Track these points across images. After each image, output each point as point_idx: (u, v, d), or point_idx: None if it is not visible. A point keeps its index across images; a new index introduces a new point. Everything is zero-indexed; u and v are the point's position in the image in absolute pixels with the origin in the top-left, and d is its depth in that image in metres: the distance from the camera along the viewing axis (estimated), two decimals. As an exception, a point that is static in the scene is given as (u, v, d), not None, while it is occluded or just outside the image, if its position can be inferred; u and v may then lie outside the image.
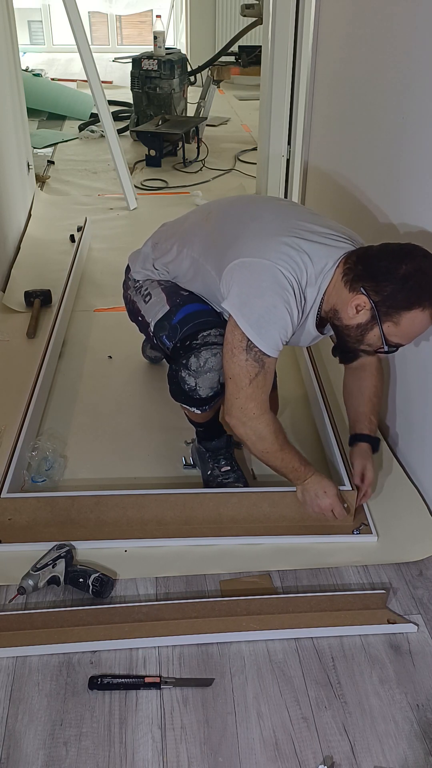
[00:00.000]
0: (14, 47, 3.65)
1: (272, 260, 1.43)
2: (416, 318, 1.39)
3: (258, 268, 1.44)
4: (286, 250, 1.45)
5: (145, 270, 1.81)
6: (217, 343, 1.60)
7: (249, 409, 1.52)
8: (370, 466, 1.72)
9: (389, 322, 1.41)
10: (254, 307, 1.44)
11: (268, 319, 1.43)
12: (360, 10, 2.12)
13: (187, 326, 1.64)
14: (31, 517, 1.64)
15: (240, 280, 1.46)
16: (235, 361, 1.48)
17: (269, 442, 1.56)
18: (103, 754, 1.20)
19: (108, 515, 1.65)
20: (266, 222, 1.54)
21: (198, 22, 7.86)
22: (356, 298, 1.43)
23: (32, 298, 2.75)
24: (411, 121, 1.73)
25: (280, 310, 1.43)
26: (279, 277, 1.42)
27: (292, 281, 1.43)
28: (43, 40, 9.94)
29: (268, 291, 1.43)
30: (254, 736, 1.23)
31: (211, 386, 1.62)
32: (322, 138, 2.63)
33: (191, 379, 1.61)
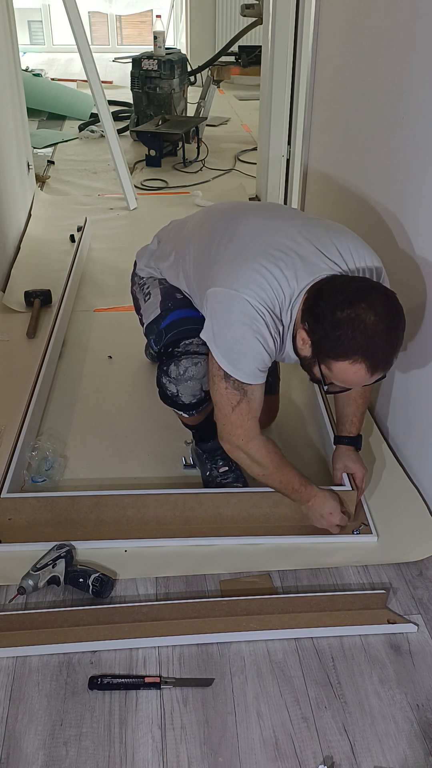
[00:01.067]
0: (14, 47, 3.65)
1: (240, 290, 1.39)
2: (347, 369, 1.32)
3: (226, 300, 1.41)
4: (256, 278, 1.40)
5: (148, 268, 1.83)
6: (198, 352, 1.60)
7: (237, 436, 1.51)
8: (353, 465, 1.72)
9: (323, 364, 1.37)
10: (225, 339, 1.43)
11: (239, 350, 1.42)
12: (360, 9, 2.12)
13: (171, 333, 1.66)
14: (31, 517, 1.64)
15: (211, 311, 1.45)
16: (216, 389, 1.48)
17: (264, 465, 1.55)
18: (103, 754, 1.20)
19: (108, 515, 1.65)
20: (243, 243, 1.49)
21: (198, 22, 7.86)
22: (301, 331, 1.40)
23: (32, 298, 2.75)
24: (411, 121, 1.73)
25: (250, 341, 1.41)
26: (246, 307, 1.39)
27: (262, 310, 1.40)
28: (43, 40, 9.94)
29: (236, 322, 1.40)
30: (254, 736, 1.23)
31: (193, 394, 1.63)
32: (322, 138, 2.63)
33: (172, 386, 1.63)
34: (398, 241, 1.83)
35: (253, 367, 1.44)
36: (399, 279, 1.68)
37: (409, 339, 1.82)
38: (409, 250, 1.78)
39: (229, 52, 5.29)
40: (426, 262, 1.69)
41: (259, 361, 1.44)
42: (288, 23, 3.47)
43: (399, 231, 1.83)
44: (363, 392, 1.72)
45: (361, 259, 1.48)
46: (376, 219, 1.98)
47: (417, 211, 1.73)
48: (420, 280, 1.72)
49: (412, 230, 1.77)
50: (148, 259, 1.84)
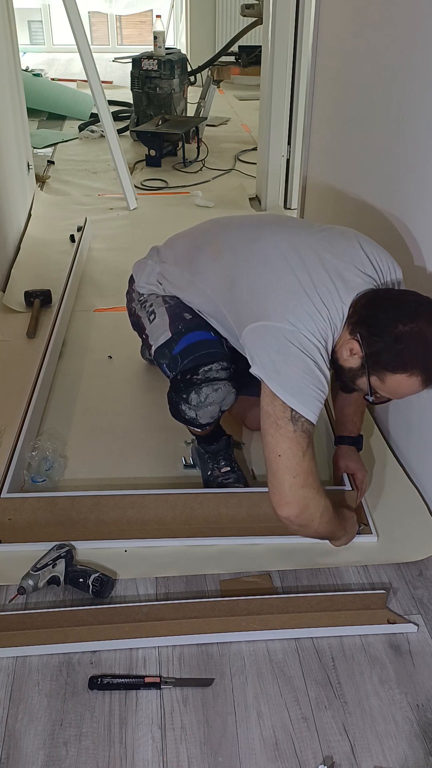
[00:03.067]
0: (14, 47, 3.65)
1: (296, 325, 1.36)
2: (402, 382, 1.33)
3: (284, 334, 1.36)
4: (309, 311, 1.37)
5: (149, 285, 1.77)
6: (218, 378, 1.57)
7: (310, 486, 1.38)
8: (354, 465, 1.72)
9: (375, 376, 1.36)
10: (290, 375, 1.35)
11: (305, 386, 1.35)
12: (360, 9, 2.12)
13: (187, 359, 1.60)
14: (31, 517, 1.64)
15: (266, 348, 1.38)
16: (282, 433, 1.36)
17: (330, 510, 1.45)
18: (103, 754, 1.20)
19: (108, 515, 1.65)
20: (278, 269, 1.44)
21: (198, 22, 7.86)
22: (351, 342, 1.38)
23: (32, 298, 2.75)
24: (411, 120, 1.73)
25: (315, 374, 1.36)
26: (305, 342, 1.35)
27: (318, 344, 1.37)
28: (43, 40, 9.94)
29: (298, 356, 1.35)
30: (254, 736, 1.23)
31: (212, 416, 1.61)
32: (322, 138, 2.63)
33: (192, 412, 1.60)
34: (399, 242, 1.83)
35: (318, 403, 1.37)
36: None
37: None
38: (410, 250, 1.77)
39: (229, 52, 5.29)
40: (428, 263, 1.69)
41: (322, 395, 1.37)
42: (288, 23, 3.47)
43: (400, 231, 1.83)
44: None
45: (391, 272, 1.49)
46: (377, 219, 1.98)
47: (418, 211, 1.73)
48: (422, 280, 1.72)
49: (413, 230, 1.77)
50: (148, 276, 1.77)
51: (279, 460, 1.37)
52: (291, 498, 1.38)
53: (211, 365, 1.57)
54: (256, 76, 4.28)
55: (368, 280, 1.44)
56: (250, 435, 2.02)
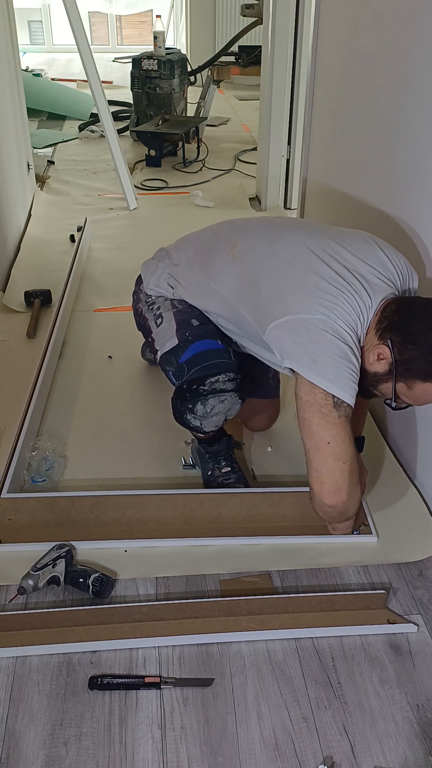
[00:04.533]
0: (14, 47, 3.65)
1: (327, 314, 1.37)
2: (430, 389, 1.36)
3: (316, 324, 1.37)
4: (337, 302, 1.39)
5: (158, 288, 1.76)
6: (225, 389, 1.57)
7: (355, 471, 1.42)
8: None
9: (403, 383, 1.37)
10: (325, 362, 1.37)
11: (343, 370, 1.37)
12: (360, 9, 2.12)
13: (194, 369, 1.59)
14: (31, 517, 1.64)
15: (299, 338, 1.39)
16: (329, 420, 1.37)
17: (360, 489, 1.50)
18: (103, 754, 1.20)
19: (108, 515, 1.65)
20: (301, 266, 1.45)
21: (198, 22, 7.87)
22: (380, 347, 1.39)
23: (32, 298, 2.75)
24: (411, 120, 1.73)
25: (350, 358, 1.38)
26: (338, 329, 1.37)
27: (349, 331, 1.39)
28: (43, 40, 9.94)
29: (333, 344, 1.37)
30: (254, 736, 1.23)
31: (217, 425, 1.63)
32: (323, 138, 2.63)
33: (197, 421, 1.60)
34: (401, 241, 1.83)
35: (354, 386, 1.38)
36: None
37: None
38: (412, 250, 1.78)
39: (229, 52, 5.29)
40: (429, 262, 1.69)
41: (356, 379, 1.39)
42: (288, 23, 3.47)
43: (401, 231, 1.83)
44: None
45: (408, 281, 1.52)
46: (378, 219, 1.98)
47: (419, 211, 1.73)
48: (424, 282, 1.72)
49: (415, 230, 1.77)
50: (158, 279, 1.76)
51: (328, 448, 1.38)
52: (343, 484, 1.41)
53: (218, 376, 1.57)
54: (256, 76, 4.28)
55: (389, 284, 1.45)
56: (250, 435, 2.02)
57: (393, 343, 1.37)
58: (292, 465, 1.91)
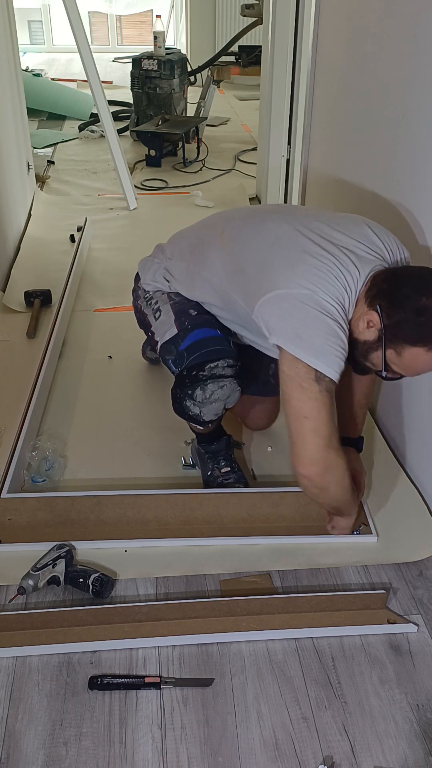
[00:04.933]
0: (14, 47, 3.65)
1: (311, 288, 1.36)
2: (419, 356, 1.33)
3: (300, 298, 1.37)
4: (321, 275, 1.38)
5: (155, 282, 1.76)
6: (224, 375, 1.57)
7: (334, 447, 1.41)
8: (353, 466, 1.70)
9: (392, 349, 1.36)
10: (312, 337, 1.36)
11: (328, 345, 1.36)
12: (360, 9, 2.12)
13: (193, 355, 1.60)
14: (31, 517, 1.64)
15: (283, 314, 1.39)
16: (309, 395, 1.37)
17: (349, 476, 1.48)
18: (103, 754, 1.20)
19: (108, 515, 1.65)
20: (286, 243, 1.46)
21: (198, 22, 7.87)
22: (370, 314, 1.38)
23: (32, 298, 2.75)
24: (411, 120, 1.73)
25: (336, 333, 1.37)
26: (323, 303, 1.36)
27: (336, 305, 1.37)
28: (43, 40, 9.94)
29: (318, 318, 1.36)
30: (254, 736, 1.23)
31: (216, 413, 1.62)
32: (323, 138, 2.63)
33: (196, 408, 1.60)
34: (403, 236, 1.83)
35: (340, 361, 1.38)
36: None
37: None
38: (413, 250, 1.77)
39: (229, 52, 5.29)
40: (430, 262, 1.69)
41: (343, 354, 1.38)
42: (288, 23, 3.47)
43: (401, 232, 1.83)
44: (367, 394, 1.73)
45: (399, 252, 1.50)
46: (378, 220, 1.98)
47: (420, 211, 1.73)
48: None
49: (415, 231, 1.77)
50: (154, 274, 1.77)
51: (305, 422, 1.38)
52: (316, 458, 1.40)
53: (218, 362, 1.58)
54: (256, 76, 4.28)
55: (377, 257, 1.45)
56: (250, 435, 2.02)
57: (381, 309, 1.35)
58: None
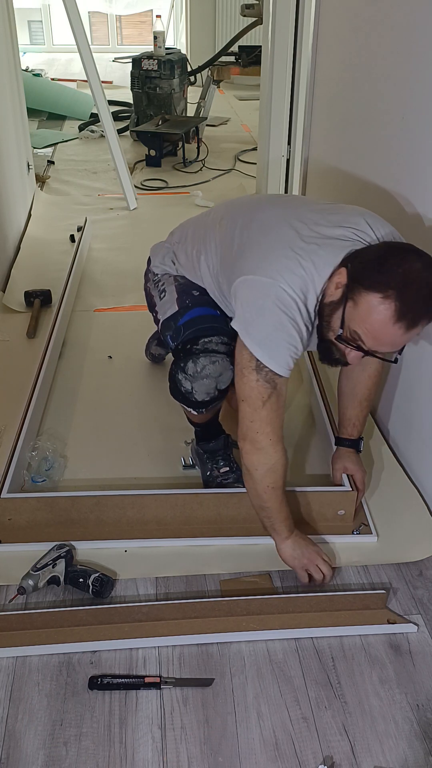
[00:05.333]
0: (14, 47, 3.65)
1: (274, 278, 1.36)
2: (374, 306, 1.25)
3: (260, 287, 1.37)
4: (289, 265, 1.37)
5: (163, 265, 1.80)
6: (217, 351, 1.58)
7: (266, 434, 1.43)
8: (352, 466, 1.72)
9: (351, 300, 1.29)
10: (260, 327, 1.37)
11: (275, 338, 1.37)
12: (360, 9, 2.12)
13: (190, 330, 1.63)
14: (31, 517, 1.64)
15: (243, 300, 1.41)
16: (245, 382, 1.41)
17: (279, 475, 1.47)
18: (103, 754, 1.20)
19: (108, 515, 1.65)
20: (267, 230, 1.46)
21: (198, 22, 7.87)
22: (339, 273, 1.35)
23: (32, 298, 2.75)
24: (411, 120, 1.73)
25: (287, 329, 1.37)
26: (282, 295, 1.36)
27: (296, 298, 1.36)
28: (43, 40, 9.95)
29: (272, 310, 1.36)
30: (254, 736, 1.23)
31: (207, 392, 1.61)
32: (322, 138, 2.63)
33: (187, 382, 1.60)
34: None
35: (288, 358, 1.39)
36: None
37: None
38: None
39: (229, 52, 5.29)
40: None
41: (293, 350, 1.39)
42: (288, 23, 3.47)
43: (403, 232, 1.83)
44: (368, 396, 1.72)
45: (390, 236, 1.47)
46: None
47: (420, 212, 1.73)
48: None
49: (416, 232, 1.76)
50: (163, 257, 1.81)
51: (242, 405, 1.44)
52: (248, 435, 1.45)
53: (212, 338, 1.60)
54: (256, 76, 4.27)
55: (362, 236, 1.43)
56: (250, 435, 2.02)
57: (351, 266, 1.34)
58: (292, 465, 1.91)
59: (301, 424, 2.09)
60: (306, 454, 1.95)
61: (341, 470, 1.72)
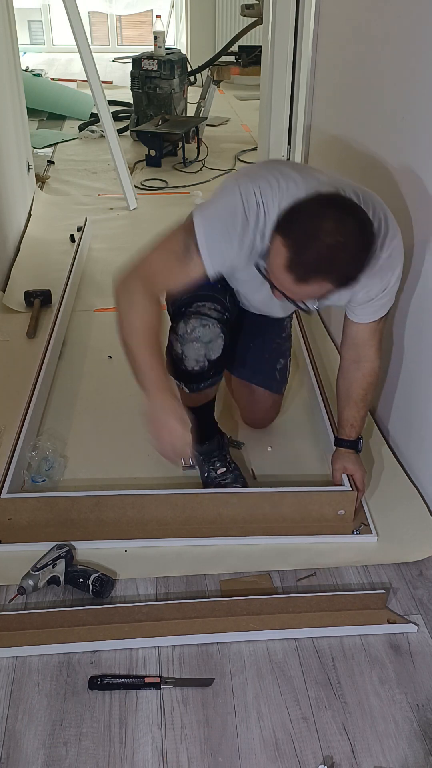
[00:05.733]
0: (14, 47, 3.65)
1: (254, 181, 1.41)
2: (275, 248, 1.31)
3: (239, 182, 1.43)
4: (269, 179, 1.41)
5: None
6: (209, 315, 1.61)
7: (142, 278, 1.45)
8: (352, 466, 1.72)
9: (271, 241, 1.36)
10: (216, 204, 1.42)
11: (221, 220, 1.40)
12: (360, 9, 2.12)
13: (186, 296, 1.65)
14: (31, 517, 1.64)
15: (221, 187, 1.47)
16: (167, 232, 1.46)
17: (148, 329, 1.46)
18: (103, 754, 1.20)
19: (108, 515, 1.65)
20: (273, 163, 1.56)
21: (198, 22, 7.86)
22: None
23: (32, 298, 2.75)
24: (411, 120, 1.73)
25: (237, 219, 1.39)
26: (251, 195, 1.39)
27: (261, 204, 1.39)
28: (43, 40, 9.94)
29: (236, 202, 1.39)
30: (254, 736, 1.23)
31: (197, 359, 1.61)
32: (322, 138, 2.63)
33: (178, 345, 1.62)
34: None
35: (220, 247, 1.41)
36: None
37: (411, 332, 1.82)
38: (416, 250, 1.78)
39: (229, 52, 5.29)
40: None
41: (229, 247, 1.41)
42: (288, 23, 3.47)
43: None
44: (364, 397, 1.71)
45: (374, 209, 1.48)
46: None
47: (421, 211, 1.73)
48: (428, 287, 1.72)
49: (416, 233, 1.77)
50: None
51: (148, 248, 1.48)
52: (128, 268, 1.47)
53: (206, 302, 1.63)
54: (256, 76, 4.28)
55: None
56: (250, 435, 2.02)
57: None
58: (292, 465, 1.91)
59: (301, 424, 2.09)
60: (306, 455, 1.95)
61: (341, 470, 1.73)
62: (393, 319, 1.88)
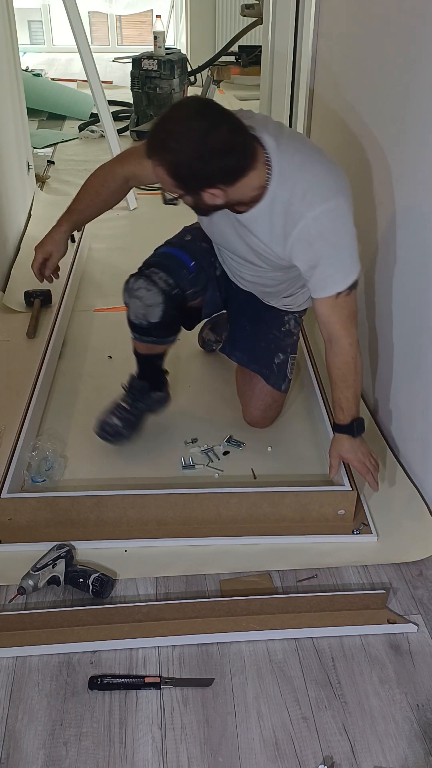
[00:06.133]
0: (14, 47, 3.65)
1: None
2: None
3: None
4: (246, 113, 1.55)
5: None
6: (156, 283, 1.74)
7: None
8: (347, 454, 1.68)
9: None
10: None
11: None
12: (360, 9, 2.12)
13: (154, 258, 1.82)
14: (31, 517, 1.64)
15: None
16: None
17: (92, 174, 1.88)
18: (103, 754, 1.20)
19: (108, 515, 1.65)
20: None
21: (198, 22, 7.85)
22: None
23: (32, 298, 2.75)
24: (411, 121, 1.73)
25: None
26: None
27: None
28: (43, 40, 9.93)
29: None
30: (254, 736, 1.23)
31: (136, 315, 1.78)
32: (323, 139, 2.63)
33: (125, 294, 1.78)
34: (403, 241, 1.83)
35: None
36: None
37: (412, 330, 1.82)
38: (416, 249, 1.77)
39: (229, 52, 5.28)
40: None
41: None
42: (288, 23, 3.46)
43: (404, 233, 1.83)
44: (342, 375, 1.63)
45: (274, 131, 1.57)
46: (379, 219, 1.98)
47: (420, 211, 1.73)
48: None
49: (418, 234, 1.77)
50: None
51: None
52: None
53: (162, 273, 1.76)
54: (256, 76, 4.27)
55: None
56: (250, 435, 2.02)
57: None
58: (292, 465, 1.91)
59: (301, 424, 2.09)
60: (306, 455, 1.95)
61: (337, 458, 1.69)
62: (391, 318, 1.88)
